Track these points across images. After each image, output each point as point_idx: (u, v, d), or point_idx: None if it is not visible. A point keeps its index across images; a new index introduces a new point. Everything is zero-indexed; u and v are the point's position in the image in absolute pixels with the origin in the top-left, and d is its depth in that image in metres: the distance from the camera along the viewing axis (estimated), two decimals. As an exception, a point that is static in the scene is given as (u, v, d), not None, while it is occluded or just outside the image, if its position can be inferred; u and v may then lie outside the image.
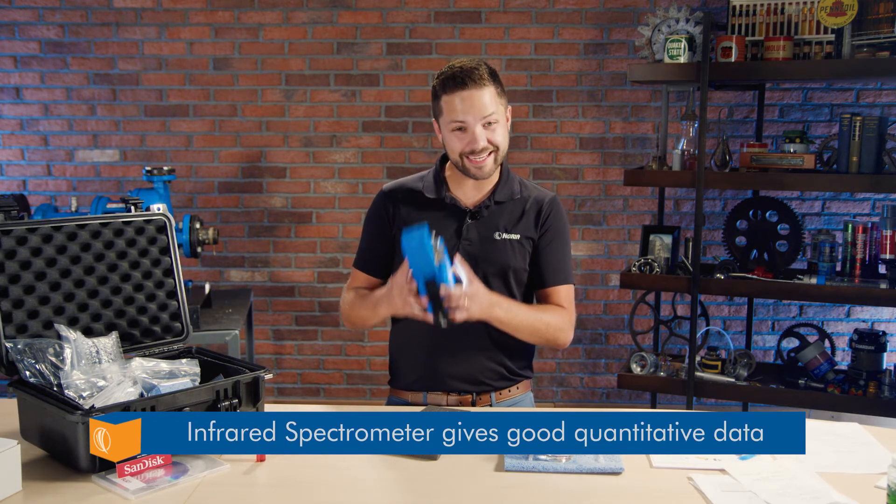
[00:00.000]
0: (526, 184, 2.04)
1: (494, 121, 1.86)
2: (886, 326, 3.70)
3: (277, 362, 3.95)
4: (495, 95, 1.87)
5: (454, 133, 1.87)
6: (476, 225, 1.95)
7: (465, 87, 1.83)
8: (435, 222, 1.93)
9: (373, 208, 2.05)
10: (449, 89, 1.85)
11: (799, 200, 3.73)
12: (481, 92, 1.84)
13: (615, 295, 3.86)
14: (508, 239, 1.95)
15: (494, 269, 1.94)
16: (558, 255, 2.01)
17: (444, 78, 1.87)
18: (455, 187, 1.98)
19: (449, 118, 1.87)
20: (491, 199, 1.96)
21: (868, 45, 2.95)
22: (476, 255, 1.92)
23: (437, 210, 1.96)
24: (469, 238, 1.94)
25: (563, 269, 2.02)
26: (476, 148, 1.85)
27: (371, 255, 2.04)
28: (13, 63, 3.76)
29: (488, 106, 1.84)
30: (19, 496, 1.44)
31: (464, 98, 1.83)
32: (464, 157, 1.88)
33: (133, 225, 1.86)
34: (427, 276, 1.66)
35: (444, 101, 1.87)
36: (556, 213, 2.01)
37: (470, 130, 1.85)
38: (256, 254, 3.88)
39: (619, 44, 3.72)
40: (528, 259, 1.98)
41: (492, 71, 1.89)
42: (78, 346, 1.66)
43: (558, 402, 3.93)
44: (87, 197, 3.69)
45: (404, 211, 1.98)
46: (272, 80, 3.77)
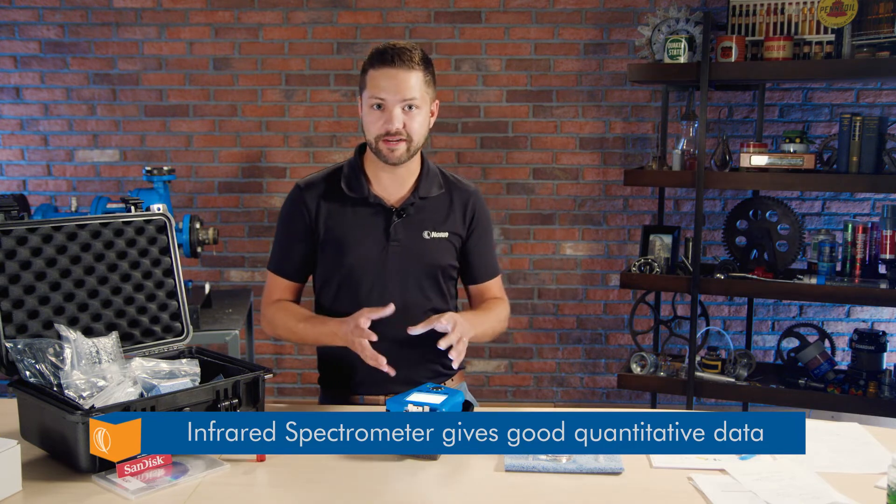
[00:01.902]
0: (448, 176, 2.02)
1: (416, 106, 1.83)
2: (886, 326, 3.70)
3: (277, 362, 3.95)
4: (422, 82, 1.84)
5: (372, 111, 1.84)
6: (403, 224, 1.92)
7: (392, 65, 1.80)
8: (360, 221, 1.92)
9: (289, 205, 1.97)
10: (376, 65, 1.83)
11: (799, 200, 3.73)
12: (408, 74, 1.81)
13: (615, 295, 3.86)
14: (437, 237, 1.94)
15: (425, 269, 1.93)
16: (487, 249, 2.05)
17: (374, 53, 1.84)
18: (376, 183, 1.94)
19: (370, 93, 1.84)
20: (415, 194, 1.93)
21: (868, 45, 2.95)
22: (406, 254, 1.91)
23: (360, 208, 1.93)
24: (398, 238, 1.91)
25: (493, 262, 2.08)
26: (391, 129, 1.82)
27: (289, 258, 1.98)
28: (13, 63, 3.76)
29: (411, 89, 1.81)
30: (19, 496, 1.44)
31: (388, 76, 1.81)
32: (378, 140, 1.85)
33: (133, 225, 1.86)
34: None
35: (369, 76, 1.84)
36: (481, 209, 2.02)
37: (387, 110, 1.82)
38: (256, 254, 3.88)
39: (619, 44, 3.72)
40: (455, 256, 1.99)
41: (425, 58, 1.86)
42: (78, 346, 1.65)
43: (558, 402, 3.93)
44: (87, 197, 3.69)
45: (326, 208, 1.93)
46: (272, 80, 3.77)
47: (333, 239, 1.93)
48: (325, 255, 1.95)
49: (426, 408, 1.60)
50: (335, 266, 1.93)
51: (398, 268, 1.91)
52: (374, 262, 1.91)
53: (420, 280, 1.93)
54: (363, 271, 1.91)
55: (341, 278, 1.94)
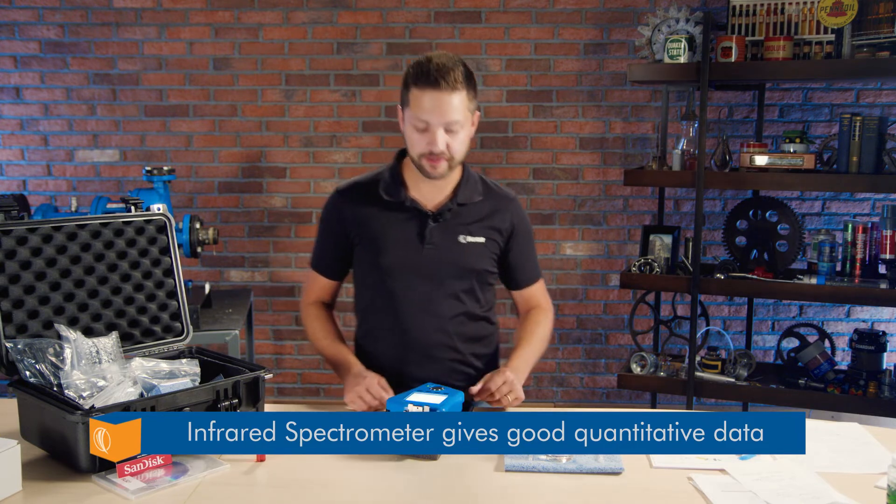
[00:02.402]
0: (487, 183, 2.02)
1: (458, 128, 1.83)
2: (886, 326, 3.70)
3: (277, 362, 3.95)
4: (465, 101, 1.82)
5: (416, 132, 1.84)
6: (439, 228, 1.93)
7: (437, 87, 1.78)
8: (396, 224, 1.93)
9: (327, 209, 2.01)
10: (421, 84, 1.79)
11: (799, 200, 3.73)
12: (451, 97, 1.78)
13: (615, 295, 3.86)
14: (473, 242, 1.94)
15: (459, 273, 1.93)
16: (528, 255, 2.06)
17: (419, 72, 1.80)
18: (414, 188, 1.94)
19: (413, 113, 1.82)
20: (453, 201, 1.93)
21: (868, 45, 2.95)
22: (440, 258, 1.92)
23: (396, 212, 1.93)
24: (433, 242, 1.92)
25: (534, 267, 2.09)
26: (434, 150, 1.82)
27: (326, 258, 2.04)
28: (13, 63, 3.76)
29: (455, 111, 1.80)
30: (19, 496, 1.44)
31: (432, 98, 1.78)
32: (422, 158, 1.85)
33: (133, 225, 1.86)
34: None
35: (413, 94, 1.82)
36: (520, 215, 2.03)
37: (431, 132, 1.81)
38: (256, 254, 3.88)
39: (619, 44, 3.72)
40: (493, 261, 1.98)
41: (468, 74, 1.84)
42: (78, 346, 1.65)
43: (558, 402, 3.93)
44: (87, 197, 3.69)
45: (362, 212, 1.95)
46: (272, 80, 3.77)
47: (369, 241, 1.94)
48: (361, 257, 1.97)
49: (426, 408, 1.60)
50: (371, 268, 1.95)
51: (432, 271, 1.92)
52: (408, 265, 1.92)
53: (454, 284, 1.93)
54: (398, 273, 1.92)
55: (377, 280, 1.95)
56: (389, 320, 1.95)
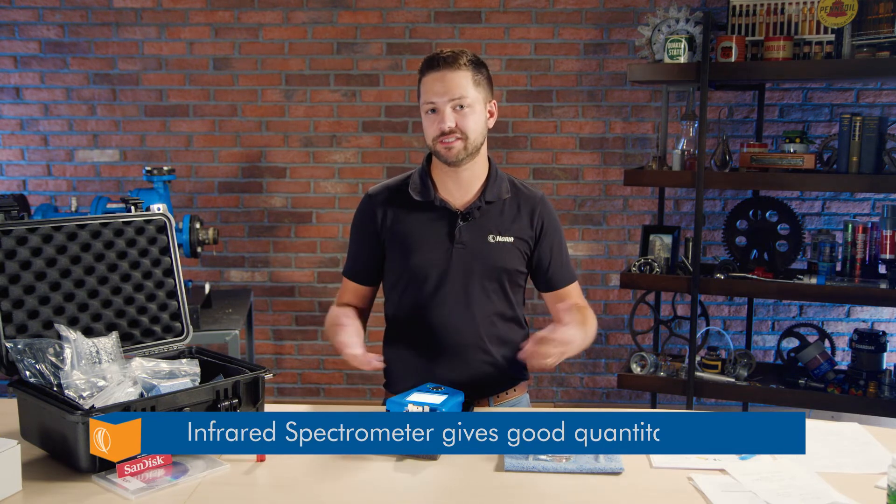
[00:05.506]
0: (515, 182, 2.02)
1: (467, 105, 1.84)
2: (886, 326, 3.70)
3: (277, 362, 3.95)
4: (471, 81, 1.85)
5: (427, 116, 1.87)
6: (468, 227, 1.93)
7: (437, 68, 1.83)
8: (425, 224, 1.92)
9: (359, 213, 2.02)
10: (426, 71, 1.86)
11: (799, 200, 3.73)
12: (454, 74, 1.82)
13: (615, 295, 3.86)
14: (502, 241, 1.94)
15: (489, 272, 1.92)
16: (559, 254, 2.01)
17: (424, 60, 1.88)
18: (443, 188, 1.95)
19: (423, 99, 1.87)
20: (481, 199, 1.94)
21: (868, 45, 2.95)
22: (470, 257, 1.91)
23: (426, 212, 1.94)
24: (462, 241, 1.92)
25: (568, 267, 2.04)
26: (444, 128, 1.83)
27: (359, 263, 2.02)
28: (13, 63, 3.76)
29: (459, 87, 1.83)
30: (19, 496, 1.44)
31: (436, 79, 1.83)
32: (436, 142, 1.86)
33: (133, 225, 1.86)
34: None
35: (422, 84, 1.88)
36: (549, 214, 2.01)
37: (440, 112, 1.84)
38: (256, 254, 3.88)
39: (619, 44, 3.72)
40: (523, 261, 1.97)
41: (475, 59, 1.87)
42: (78, 346, 1.65)
43: (558, 402, 3.93)
44: (87, 197, 3.69)
45: (392, 214, 1.96)
46: (272, 80, 3.78)
47: (399, 242, 1.94)
48: (392, 258, 1.97)
49: (426, 408, 1.60)
50: (401, 267, 1.95)
51: (462, 270, 1.91)
52: (437, 264, 1.91)
53: (483, 283, 1.92)
54: (427, 272, 1.92)
55: (407, 279, 1.95)
56: (419, 321, 1.94)
